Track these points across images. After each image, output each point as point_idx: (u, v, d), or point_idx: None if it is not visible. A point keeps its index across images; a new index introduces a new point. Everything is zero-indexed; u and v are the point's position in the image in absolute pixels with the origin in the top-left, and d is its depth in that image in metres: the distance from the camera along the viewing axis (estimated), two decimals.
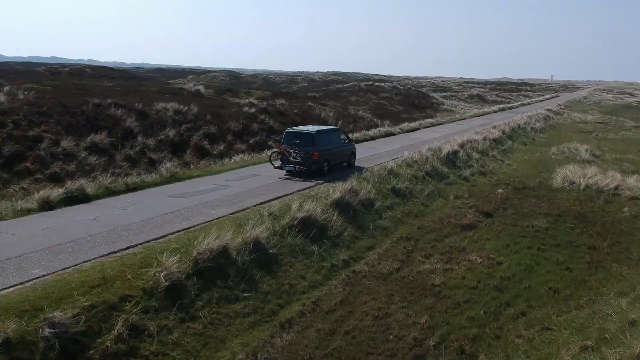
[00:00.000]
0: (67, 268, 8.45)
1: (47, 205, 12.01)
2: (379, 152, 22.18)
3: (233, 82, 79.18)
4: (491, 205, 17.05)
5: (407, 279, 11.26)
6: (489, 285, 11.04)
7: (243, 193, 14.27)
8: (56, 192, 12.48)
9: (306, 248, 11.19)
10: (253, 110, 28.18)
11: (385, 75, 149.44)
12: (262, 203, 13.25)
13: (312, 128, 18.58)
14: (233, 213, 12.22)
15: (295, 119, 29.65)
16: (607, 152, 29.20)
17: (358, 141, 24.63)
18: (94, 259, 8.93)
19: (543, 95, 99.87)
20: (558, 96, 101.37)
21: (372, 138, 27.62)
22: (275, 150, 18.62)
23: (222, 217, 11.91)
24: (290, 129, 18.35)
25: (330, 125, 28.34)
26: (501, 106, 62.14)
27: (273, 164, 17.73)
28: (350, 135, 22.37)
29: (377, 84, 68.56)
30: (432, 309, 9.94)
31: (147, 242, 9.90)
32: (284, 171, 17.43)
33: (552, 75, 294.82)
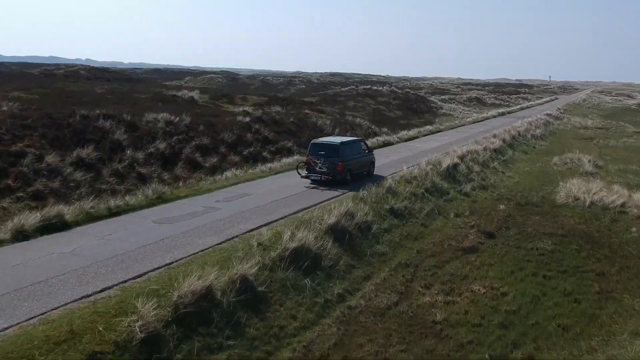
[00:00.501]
0: (32, 318, 7.62)
1: (20, 236, 11.08)
2: (377, 164, 21.42)
3: (230, 84, 78.36)
4: (493, 225, 16.36)
5: (407, 315, 10.53)
6: (493, 322, 10.32)
7: (233, 217, 13.45)
8: (32, 220, 11.52)
9: (298, 282, 10.43)
10: (247, 119, 27.36)
11: (383, 76, 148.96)
12: (252, 229, 12.41)
13: (337, 139, 19.44)
14: (220, 243, 11.38)
15: (291, 127, 28.86)
16: (609, 162, 28.55)
17: None
18: (64, 304, 8.10)
19: (542, 98, 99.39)
20: (557, 98, 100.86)
21: (370, 149, 26.80)
22: (302, 160, 19.45)
23: (208, 248, 11.08)
24: (316, 140, 19.19)
25: (327, 134, 27.72)
26: (500, 110, 61.44)
27: (299, 173, 18.48)
28: None
29: (375, 87, 67.80)
30: (434, 352, 9.22)
31: (125, 282, 9.08)
32: (310, 180, 18.18)
33: (550, 76, 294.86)
